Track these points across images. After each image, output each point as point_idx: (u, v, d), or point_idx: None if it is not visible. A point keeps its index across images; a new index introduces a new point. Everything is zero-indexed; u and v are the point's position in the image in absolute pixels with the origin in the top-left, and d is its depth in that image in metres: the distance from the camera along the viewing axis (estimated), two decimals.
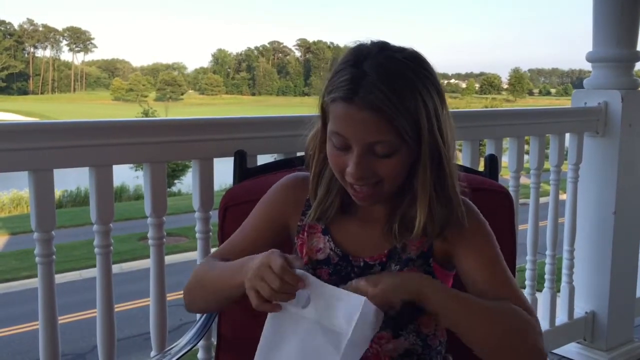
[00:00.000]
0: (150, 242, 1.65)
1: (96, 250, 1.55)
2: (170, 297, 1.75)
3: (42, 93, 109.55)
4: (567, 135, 2.58)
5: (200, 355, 1.76)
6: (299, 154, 1.68)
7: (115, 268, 1.64)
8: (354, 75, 1.07)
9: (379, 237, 1.20)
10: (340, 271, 1.20)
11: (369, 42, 1.11)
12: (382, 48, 1.10)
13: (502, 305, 1.09)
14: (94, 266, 1.61)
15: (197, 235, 1.72)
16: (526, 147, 2.48)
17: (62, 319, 1.59)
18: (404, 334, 1.17)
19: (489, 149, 2.25)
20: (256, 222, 1.28)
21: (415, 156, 1.11)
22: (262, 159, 1.73)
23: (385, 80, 1.05)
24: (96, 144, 1.50)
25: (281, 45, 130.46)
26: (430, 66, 1.11)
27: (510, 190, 2.20)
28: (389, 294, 1.02)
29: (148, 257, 1.70)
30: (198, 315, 1.67)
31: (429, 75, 1.10)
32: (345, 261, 1.20)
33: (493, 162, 1.60)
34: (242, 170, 1.60)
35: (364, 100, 1.05)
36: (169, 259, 1.72)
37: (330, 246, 1.22)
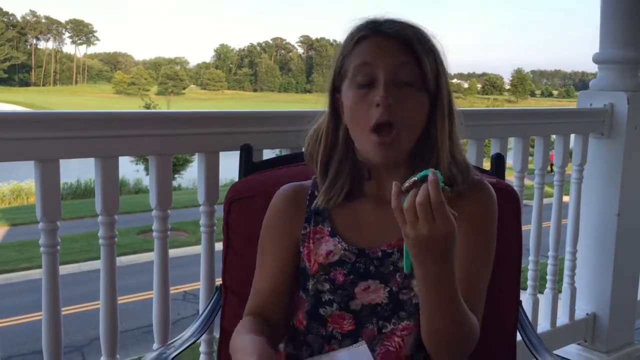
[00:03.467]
0: (154, 234, 1.65)
1: (101, 241, 1.55)
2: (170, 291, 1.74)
3: (44, 85, 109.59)
4: (572, 136, 2.57)
5: (202, 348, 1.76)
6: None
7: None
8: (375, 20, 1.14)
9: (394, 219, 1.12)
10: (358, 269, 1.16)
11: None
12: None
13: (473, 319, 1.08)
14: (94, 259, 1.61)
15: (202, 229, 1.72)
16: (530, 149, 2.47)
17: (62, 311, 1.59)
18: None
19: (493, 149, 2.24)
20: (272, 254, 1.22)
21: (430, 105, 1.13)
22: (267, 154, 1.72)
23: (408, 23, 1.14)
24: (103, 135, 1.50)
25: (284, 42, 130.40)
26: None
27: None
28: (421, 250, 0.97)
29: (147, 250, 1.70)
30: (200, 309, 1.67)
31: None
32: (363, 256, 1.16)
33: (500, 161, 1.59)
34: (248, 165, 1.60)
35: (390, 30, 1.12)
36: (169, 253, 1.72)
37: (343, 247, 1.17)
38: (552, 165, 2.48)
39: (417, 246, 0.96)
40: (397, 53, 1.11)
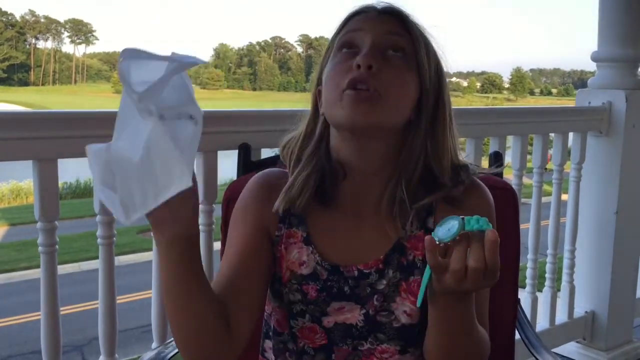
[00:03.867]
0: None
1: (99, 240, 1.55)
2: None
3: (43, 84, 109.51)
4: (571, 135, 2.58)
5: None
6: None
7: None
8: (369, 4, 1.06)
9: (374, 234, 1.05)
10: (331, 287, 1.04)
11: None
12: None
13: (484, 337, 1.01)
14: (93, 258, 1.61)
15: (200, 227, 1.72)
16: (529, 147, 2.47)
17: (60, 311, 1.59)
18: (412, 350, 1.06)
19: (492, 147, 2.25)
20: (238, 239, 1.06)
21: (420, 92, 1.02)
22: (265, 154, 1.72)
23: (405, 12, 1.04)
24: (101, 134, 1.48)
25: (283, 41, 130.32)
26: None
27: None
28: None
29: (147, 250, 1.70)
30: None
31: None
32: (336, 274, 1.04)
33: (498, 159, 1.59)
34: (246, 164, 1.60)
35: (387, 7, 1.04)
36: None
37: (316, 259, 1.04)
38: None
39: (452, 294, 0.87)
40: (389, 23, 1.02)
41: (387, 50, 1.00)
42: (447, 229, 0.83)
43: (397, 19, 1.03)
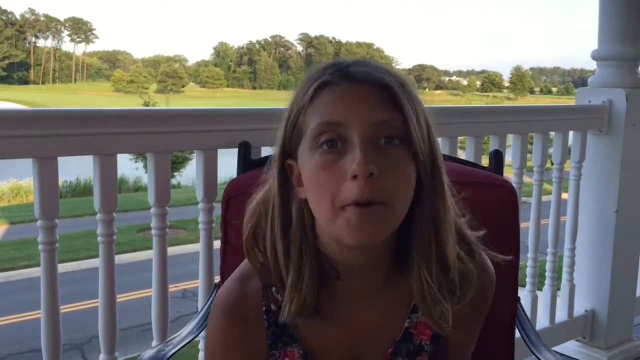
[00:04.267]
0: (153, 232, 1.65)
1: (99, 239, 1.55)
2: (169, 289, 1.74)
3: (43, 83, 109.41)
4: (571, 133, 2.58)
5: (201, 345, 1.76)
6: None
7: None
8: (337, 62, 0.89)
9: (377, 326, 0.98)
10: None
11: None
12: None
13: None
14: (93, 257, 1.61)
15: (200, 226, 1.72)
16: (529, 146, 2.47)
17: (60, 309, 1.60)
18: None
19: (492, 146, 2.25)
20: None
21: (417, 164, 0.88)
22: (265, 152, 1.73)
23: (381, 65, 0.89)
24: (101, 132, 1.50)
25: (283, 40, 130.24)
26: None
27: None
28: None
29: (147, 248, 1.70)
30: (199, 307, 1.67)
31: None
32: None
33: (498, 157, 1.59)
34: (246, 162, 1.60)
35: (360, 75, 0.86)
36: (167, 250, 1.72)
37: None
38: None
39: None
40: (375, 104, 0.84)
41: (380, 141, 0.85)
42: None
43: (382, 93, 0.86)
